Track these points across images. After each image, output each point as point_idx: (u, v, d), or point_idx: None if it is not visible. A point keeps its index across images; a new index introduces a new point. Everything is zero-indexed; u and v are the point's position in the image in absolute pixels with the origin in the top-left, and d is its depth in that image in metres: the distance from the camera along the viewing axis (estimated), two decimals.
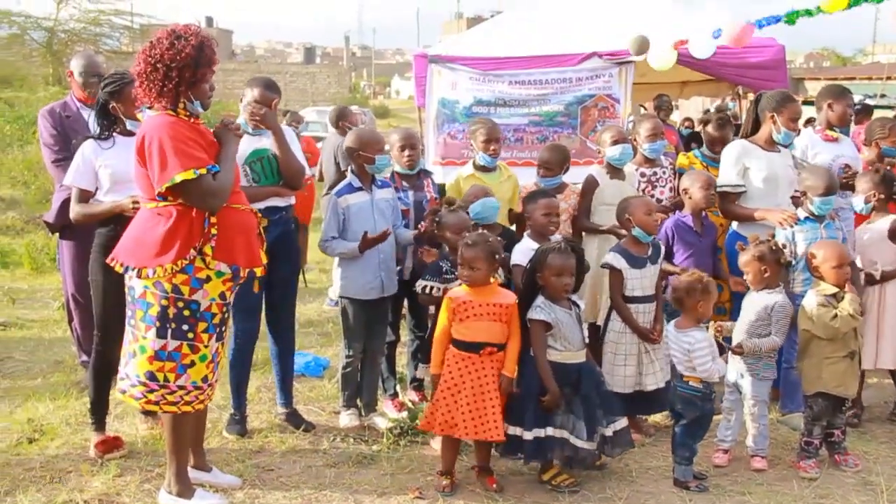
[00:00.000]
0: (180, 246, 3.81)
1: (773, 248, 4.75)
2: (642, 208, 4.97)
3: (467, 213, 5.03)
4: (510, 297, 4.43)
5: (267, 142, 4.92)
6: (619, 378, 4.90)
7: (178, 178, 3.74)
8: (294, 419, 5.23)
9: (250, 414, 5.35)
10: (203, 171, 3.78)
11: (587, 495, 4.34)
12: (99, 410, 4.83)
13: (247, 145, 4.81)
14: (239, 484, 4.40)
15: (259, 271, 4.11)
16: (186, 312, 3.88)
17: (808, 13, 6.95)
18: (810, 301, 4.68)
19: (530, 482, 4.49)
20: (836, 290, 4.65)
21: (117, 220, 4.53)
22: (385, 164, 5.23)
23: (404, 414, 5.26)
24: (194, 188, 3.79)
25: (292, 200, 5.13)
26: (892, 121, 6.46)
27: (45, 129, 5.78)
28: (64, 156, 5.69)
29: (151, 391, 3.93)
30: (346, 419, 5.28)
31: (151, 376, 3.92)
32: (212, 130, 4.10)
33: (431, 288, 4.81)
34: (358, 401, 5.38)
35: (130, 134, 4.55)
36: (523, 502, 4.29)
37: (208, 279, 3.90)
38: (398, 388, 5.73)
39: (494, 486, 4.39)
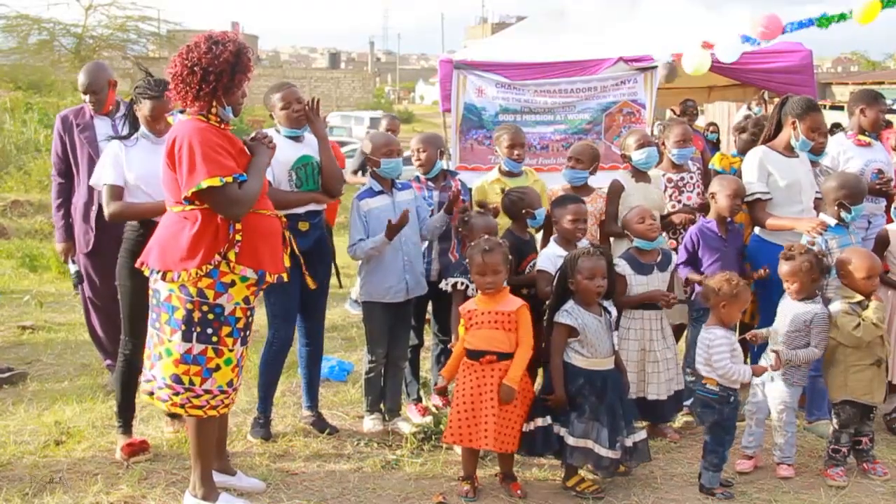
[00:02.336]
0: (206, 251, 3.84)
1: (819, 256, 4.69)
2: (635, 219, 5.04)
3: (494, 216, 5.06)
4: (515, 304, 4.41)
5: (309, 149, 4.97)
6: None
7: (205, 184, 3.76)
8: (319, 423, 5.25)
9: (275, 418, 5.37)
10: (229, 179, 3.81)
11: (612, 502, 4.32)
12: (125, 414, 4.86)
13: (293, 151, 4.89)
14: (263, 488, 4.42)
15: (286, 276, 4.13)
16: (211, 316, 3.91)
17: (842, 17, 6.89)
18: (835, 308, 4.63)
19: (555, 489, 4.48)
20: (861, 297, 4.60)
21: (144, 224, 4.58)
22: (392, 169, 5.21)
23: (428, 419, 5.26)
24: (219, 195, 3.82)
25: (324, 206, 5.16)
26: None
27: (55, 135, 5.88)
28: (59, 170, 5.79)
29: (177, 394, 3.96)
30: (370, 424, 5.28)
31: (177, 379, 3.94)
32: (243, 140, 4.13)
33: (460, 284, 4.82)
34: (382, 405, 5.38)
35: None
36: None
37: (233, 283, 3.92)
38: (422, 392, 5.73)
39: (518, 492, 4.38)
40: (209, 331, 3.91)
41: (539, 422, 4.39)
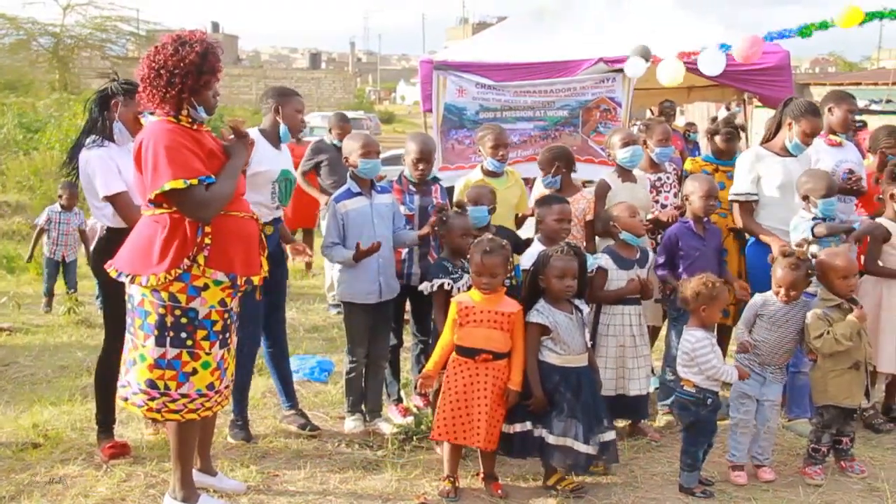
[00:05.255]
0: (175, 255, 3.79)
1: (804, 258, 4.67)
2: (626, 212, 5.08)
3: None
4: (513, 306, 4.43)
5: (285, 163, 5.05)
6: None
7: (167, 186, 3.72)
8: (300, 419, 5.26)
9: (256, 419, 5.36)
10: (194, 181, 3.75)
11: (593, 501, 4.33)
12: (105, 416, 4.83)
13: (275, 163, 4.92)
14: (244, 489, 4.40)
15: (257, 279, 4.08)
16: (184, 320, 3.86)
17: (824, 26, 6.94)
18: (810, 311, 4.65)
19: (536, 488, 4.48)
20: (838, 301, 4.62)
21: (113, 230, 4.57)
22: (370, 170, 5.20)
23: (409, 419, 5.26)
24: (183, 198, 3.77)
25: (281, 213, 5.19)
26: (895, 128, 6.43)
27: None
28: None
29: (152, 399, 3.91)
30: (351, 424, 5.28)
31: (152, 384, 3.89)
32: (222, 140, 4.09)
33: (444, 284, 4.79)
34: (363, 406, 5.38)
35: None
36: None
37: (206, 287, 3.87)
38: (402, 392, 5.72)
39: (500, 492, 4.38)
40: (183, 335, 3.87)
41: (518, 427, 4.40)
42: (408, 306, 5.65)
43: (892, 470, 4.71)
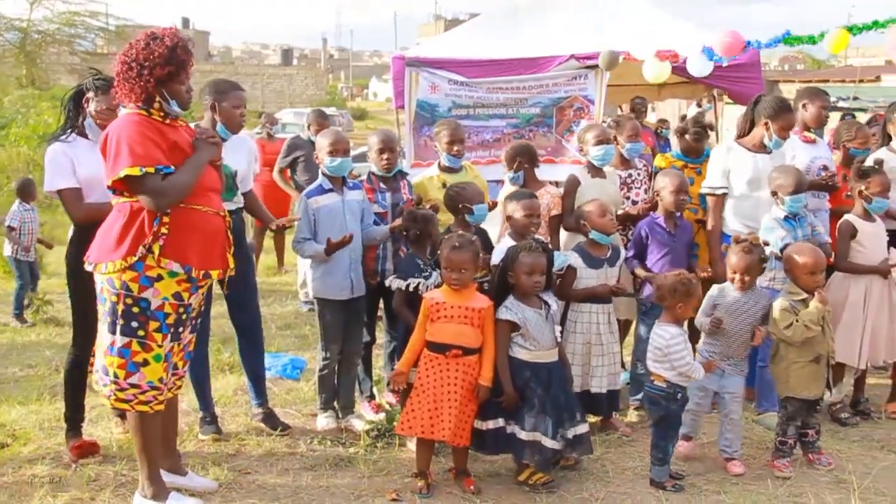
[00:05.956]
0: (131, 243, 3.84)
1: (756, 244, 4.78)
2: (596, 211, 5.10)
3: (435, 211, 5.06)
4: (484, 302, 4.44)
5: (226, 158, 4.76)
6: None
7: (123, 172, 3.77)
8: (270, 420, 5.22)
9: (227, 417, 5.33)
10: (150, 169, 3.79)
11: (564, 496, 4.35)
12: (74, 415, 4.80)
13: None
14: (215, 487, 4.38)
15: (216, 274, 4.08)
16: (136, 310, 3.88)
17: (811, 40, 7.00)
18: (777, 304, 4.72)
19: (508, 484, 4.50)
20: (804, 295, 4.68)
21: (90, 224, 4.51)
22: (335, 168, 5.18)
23: (381, 416, 5.26)
24: (139, 185, 3.81)
25: (241, 204, 5.16)
26: (857, 123, 6.53)
27: None
28: None
29: (105, 385, 3.98)
30: (324, 422, 5.26)
31: (105, 370, 3.96)
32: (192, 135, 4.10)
33: (416, 284, 4.79)
34: (335, 403, 5.36)
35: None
36: None
37: (160, 278, 3.88)
38: (375, 389, 5.72)
39: (472, 487, 4.39)
40: (134, 324, 3.89)
41: (490, 424, 4.41)
42: (381, 303, 5.65)
43: (859, 462, 4.78)
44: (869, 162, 5.58)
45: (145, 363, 3.92)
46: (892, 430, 5.26)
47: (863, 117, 11.55)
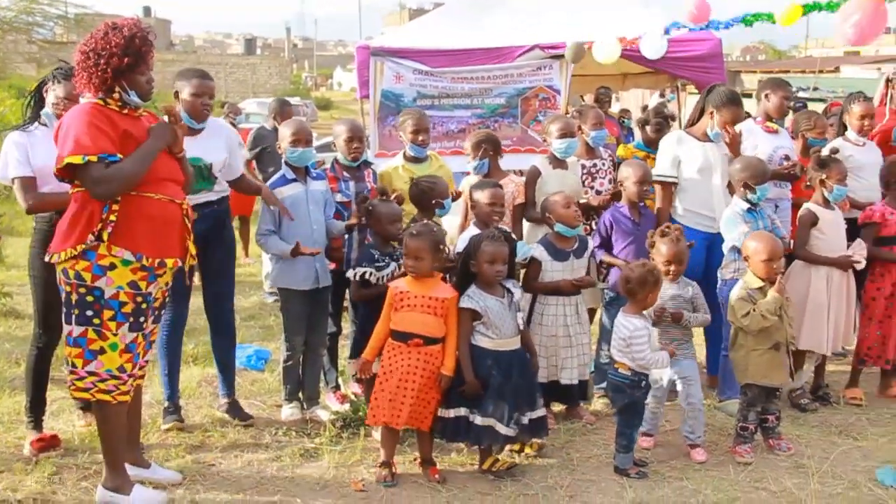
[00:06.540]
0: (79, 231, 3.83)
1: (681, 232, 4.88)
2: (560, 203, 5.11)
3: (399, 203, 5.05)
4: (448, 292, 4.45)
5: (198, 149, 4.79)
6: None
7: (66, 161, 3.76)
8: (235, 410, 5.20)
9: (191, 408, 5.29)
10: (93, 157, 3.75)
11: (529, 484, 4.38)
12: (36, 408, 4.74)
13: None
14: (179, 479, 4.35)
15: (171, 262, 4.04)
16: (90, 298, 3.86)
17: (769, 18, 7.09)
18: (734, 292, 4.78)
19: (472, 473, 4.52)
20: (762, 283, 4.74)
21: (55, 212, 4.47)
22: (297, 158, 5.15)
23: (347, 406, 5.25)
24: (82, 173, 3.79)
25: (226, 192, 5.10)
26: (816, 113, 6.62)
27: None
28: None
29: (69, 374, 3.97)
30: (288, 412, 5.25)
31: (66, 360, 3.96)
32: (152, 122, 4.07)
33: (366, 273, 4.82)
34: (300, 394, 5.35)
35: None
36: (466, 492, 4.31)
37: (112, 266, 3.85)
38: (340, 380, 5.71)
39: (437, 476, 4.41)
40: (89, 313, 3.87)
41: (451, 413, 4.42)
42: (347, 294, 5.63)
43: (818, 447, 4.86)
44: (825, 152, 5.67)
45: (102, 351, 3.90)
46: (849, 416, 5.35)
47: (821, 108, 11.70)
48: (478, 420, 4.36)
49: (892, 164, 5.66)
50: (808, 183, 5.58)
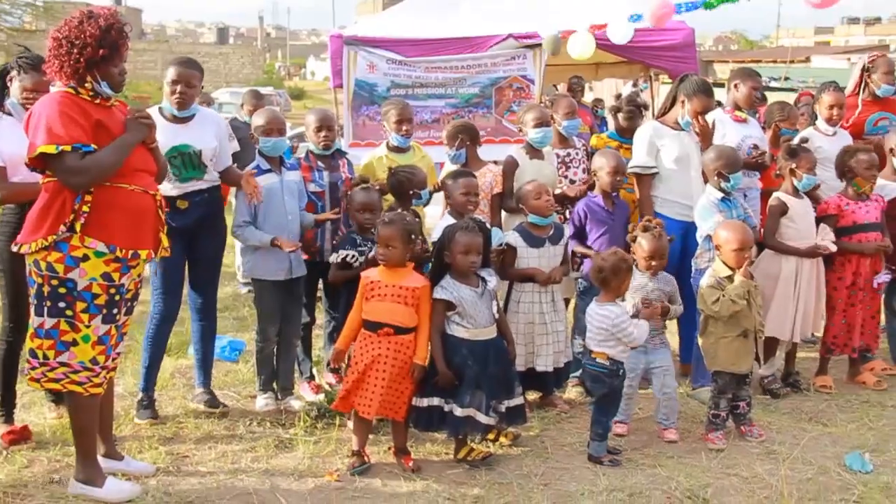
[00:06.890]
0: (51, 222, 3.79)
1: (663, 228, 4.89)
2: (532, 194, 5.11)
3: (379, 192, 5.05)
4: (419, 282, 4.45)
5: (187, 136, 4.81)
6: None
7: (39, 150, 3.72)
8: (211, 400, 5.18)
9: (164, 399, 5.27)
10: (67, 147, 3.72)
11: (504, 472, 4.40)
12: (6, 401, 4.69)
13: (167, 138, 4.66)
14: (152, 471, 4.32)
15: (145, 254, 4.00)
16: (63, 290, 3.83)
17: None
18: (703, 281, 4.82)
19: (448, 462, 4.53)
20: (730, 272, 4.78)
21: (22, 205, 4.41)
22: (270, 148, 5.13)
23: (321, 396, 5.25)
24: (56, 164, 3.75)
25: (217, 182, 5.07)
26: (788, 104, 6.66)
27: None
28: None
29: (33, 368, 3.92)
30: (263, 403, 5.23)
31: (33, 354, 3.91)
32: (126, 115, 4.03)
33: (348, 256, 4.82)
34: (274, 384, 5.33)
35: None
36: (441, 481, 4.32)
37: (86, 258, 3.82)
38: (315, 370, 5.70)
39: (411, 465, 4.42)
40: (61, 304, 3.83)
41: (425, 402, 4.43)
42: (321, 283, 5.62)
43: (788, 433, 4.92)
44: (796, 141, 5.72)
45: (74, 343, 3.87)
46: (819, 403, 5.42)
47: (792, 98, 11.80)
48: (457, 411, 4.36)
49: (845, 154, 5.69)
50: (778, 172, 5.63)
